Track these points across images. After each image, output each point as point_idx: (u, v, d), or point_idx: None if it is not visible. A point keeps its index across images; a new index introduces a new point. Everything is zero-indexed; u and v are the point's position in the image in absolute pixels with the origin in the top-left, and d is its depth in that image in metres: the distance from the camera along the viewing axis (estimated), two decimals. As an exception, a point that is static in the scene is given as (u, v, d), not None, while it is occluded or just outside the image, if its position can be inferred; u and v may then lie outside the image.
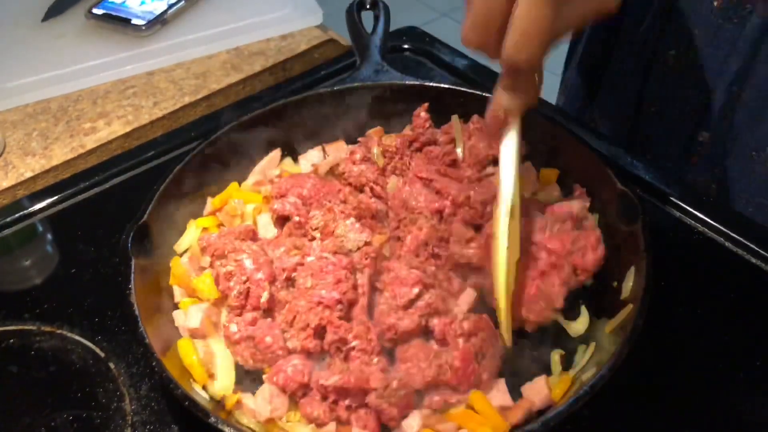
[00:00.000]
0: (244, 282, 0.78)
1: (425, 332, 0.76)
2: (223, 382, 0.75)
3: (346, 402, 0.71)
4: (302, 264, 0.79)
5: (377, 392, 0.70)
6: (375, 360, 0.73)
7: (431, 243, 0.80)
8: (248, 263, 0.79)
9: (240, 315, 0.77)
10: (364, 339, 0.73)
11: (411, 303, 0.75)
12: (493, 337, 0.75)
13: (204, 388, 0.75)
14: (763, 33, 0.93)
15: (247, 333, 0.75)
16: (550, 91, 1.14)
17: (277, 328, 0.76)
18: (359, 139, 0.95)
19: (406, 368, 0.73)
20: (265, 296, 0.77)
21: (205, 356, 0.76)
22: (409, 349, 0.74)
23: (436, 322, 0.75)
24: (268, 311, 0.78)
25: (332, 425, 0.71)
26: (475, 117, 0.93)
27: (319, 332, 0.75)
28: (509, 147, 0.76)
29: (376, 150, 0.91)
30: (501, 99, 0.74)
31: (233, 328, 0.76)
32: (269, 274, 0.79)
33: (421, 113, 0.94)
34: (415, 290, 0.75)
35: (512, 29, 0.66)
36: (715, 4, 0.97)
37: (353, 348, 0.73)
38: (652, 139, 1.08)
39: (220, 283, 0.79)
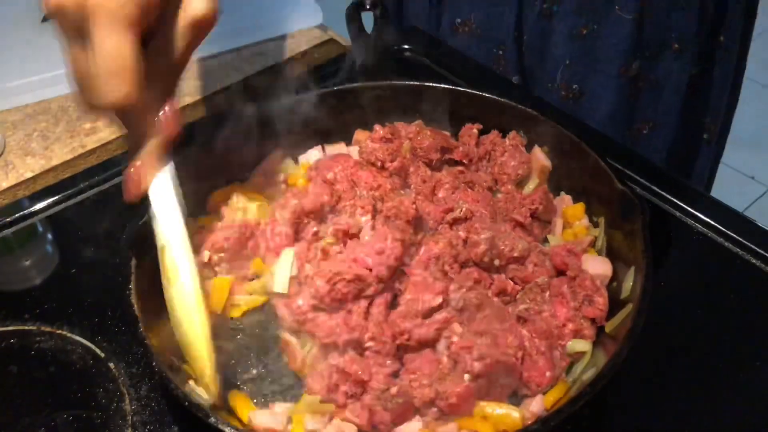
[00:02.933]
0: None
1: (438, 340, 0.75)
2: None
3: (345, 387, 0.71)
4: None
5: (374, 393, 0.70)
6: (388, 362, 0.73)
7: (443, 260, 0.79)
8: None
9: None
10: (379, 342, 0.74)
11: (431, 312, 0.75)
12: (505, 375, 0.74)
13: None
14: None
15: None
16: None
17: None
18: (388, 124, 0.95)
19: (408, 379, 0.73)
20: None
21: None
22: (417, 360, 0.74)
23: (455, 340, 0.74)
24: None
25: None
26: (512, 133, 0.94)
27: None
28: (162, 199, 0.72)
29: (407, 144, 0.92)
30: (132, 151, 0.69)
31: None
32: None
33: (473, 130, 0.96)
34: (438, 300, 0.75)
35: (92, 78, 0.62)
36: None
37: (367, 348, 0.74)
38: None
39: None
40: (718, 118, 1.24)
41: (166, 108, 0.68)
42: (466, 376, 0.71)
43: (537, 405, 0.72)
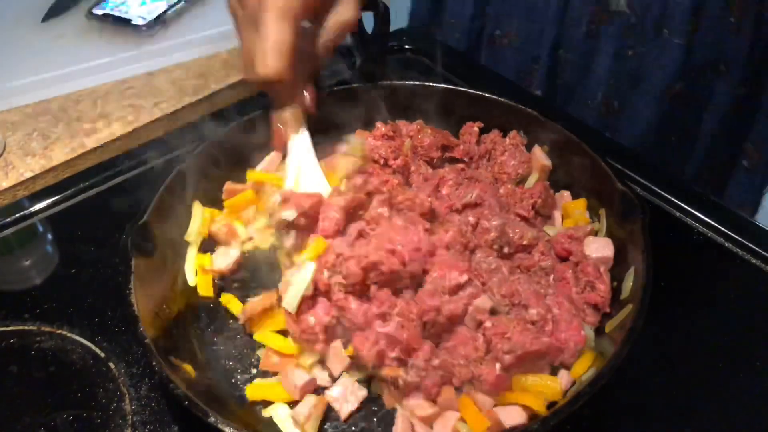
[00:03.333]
0: None
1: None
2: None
3: (393, 353, 0.72)
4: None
5: (417, 364, 0.72)
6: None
7: (453, 248, 0.79)
8: None
9: None
10: (408, 318, 0.74)
11: (458, 288, 0.75)
12: (538, 360, 0.74)
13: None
14: (566, 2, 1.12)
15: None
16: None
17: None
18: (391, 122, 0.96)
19: (445, 356, 0.74)
20: None
21: None
22: (452, 339, 0.75)
23: (489, 326, 0.74)
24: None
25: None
26: (512, 132, 0.95)
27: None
28: (302, 150, 0.85)
29: (408, 142, 0.92)
30: (276, 115, 0.85)
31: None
32: None
33: (474, 129, 0.96)
34: (464, 277, 0.75)
35: (255, 53, 0.78)
36: None
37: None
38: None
39: None
40: (763, 146, 1.19)
41: (307, 90, 0.86)
42: (498, 366, 0.72)
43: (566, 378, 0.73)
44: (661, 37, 1.09)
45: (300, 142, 0.86)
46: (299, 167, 0.85)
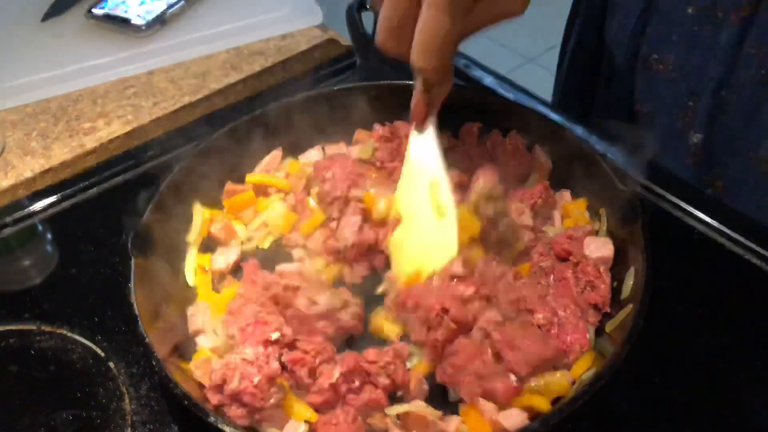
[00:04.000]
0: None
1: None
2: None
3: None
4: None
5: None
6: None
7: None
8: None
9: None
10: None
11: (466, 302, 0.76)
12: (551, 365, 0.74)
13: None
14: (740, 40, 0.94)
15: None
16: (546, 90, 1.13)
17: None
18: (387, 124, 0.96)
19: (452, 372, 0.73)
20: None
21: None
22: (459, 354, 0.73)
23: (498, 337, 0.73)
24: None
25: None
26: (513, 133, 0.94)
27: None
28: (435, 142, 0.80)
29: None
30: (419, 95, 0.79)
31: None
32: None
33: (474, 129, 0.96)
34: (471, 289, 0.75)
35: (415, 40, 0.70)
36: (690, 10, 0.96)
37: None
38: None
39: None
40: None
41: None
42: (513, 377, 0.71)
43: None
44: None
45: (433, 132, 0.82)
46: (423, 152, 0.81)
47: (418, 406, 0.72)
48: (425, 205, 0.79)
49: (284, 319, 0.76)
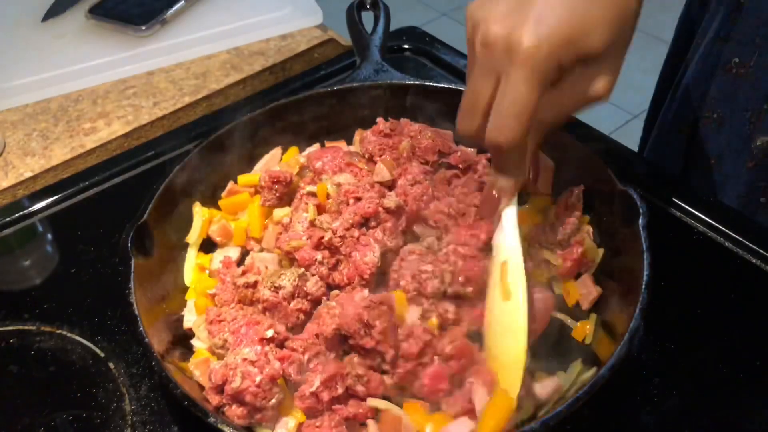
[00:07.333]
0: None
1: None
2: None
3: None
4: None
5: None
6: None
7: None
8: None
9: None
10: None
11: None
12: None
13: None
14: None
15: None
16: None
17: None
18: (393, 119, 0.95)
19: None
20: None
21: None
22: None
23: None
24: None
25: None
26: None
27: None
28: (509, 224, 0.76)
29: (406, 142, 0.90)
30: (492, 180, 0.75)
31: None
32: None
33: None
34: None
35: (493, 112, 0.67)
36: None
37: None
38: (709, 143, 1.05)
39: None
40: None
41: (531, 161, 0.76)
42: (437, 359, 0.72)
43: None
44: None
45: (510, 215, 0.77)
46: (503, 243, 0.77)
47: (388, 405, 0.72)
48: (495, 286, 0.75)
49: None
